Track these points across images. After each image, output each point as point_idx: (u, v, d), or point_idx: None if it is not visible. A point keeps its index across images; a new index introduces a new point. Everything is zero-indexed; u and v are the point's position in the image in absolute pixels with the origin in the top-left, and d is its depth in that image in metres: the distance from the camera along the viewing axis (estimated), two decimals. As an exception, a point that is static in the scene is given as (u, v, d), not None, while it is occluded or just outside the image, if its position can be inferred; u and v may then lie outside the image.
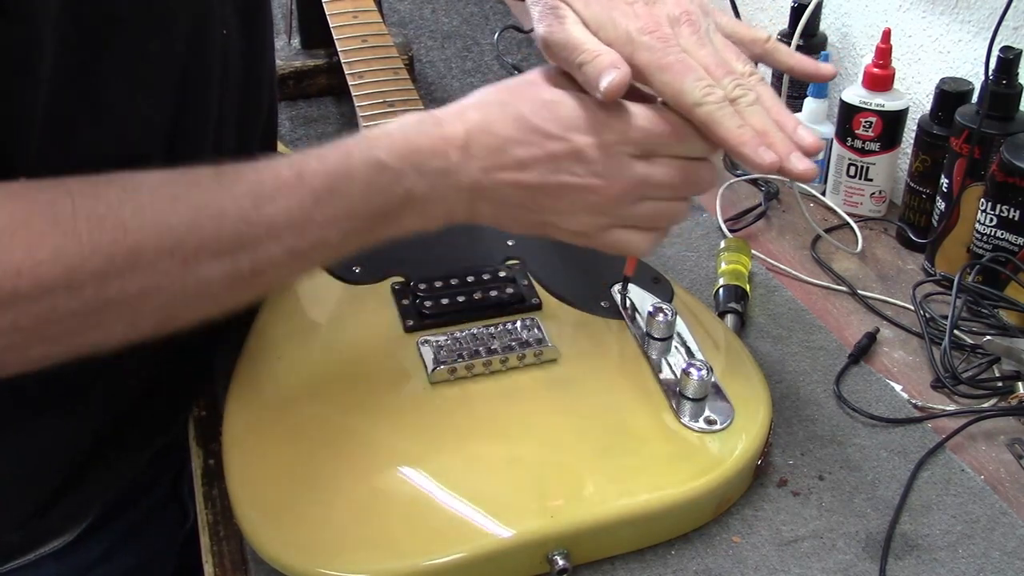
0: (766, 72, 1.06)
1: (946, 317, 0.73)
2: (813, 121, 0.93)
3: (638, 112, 0.55)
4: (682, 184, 0.56)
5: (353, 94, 0.88)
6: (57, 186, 0.46)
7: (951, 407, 0.69)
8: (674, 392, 0.61)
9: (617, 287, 0.70)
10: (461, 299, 0.67)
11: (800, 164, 0.53)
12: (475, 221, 0.57)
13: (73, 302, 0.45)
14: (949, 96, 0.81)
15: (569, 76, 0.56)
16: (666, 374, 0.63)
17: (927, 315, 0.76)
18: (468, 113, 0.55)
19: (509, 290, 0.68)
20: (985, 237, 0.75)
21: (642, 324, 0.67)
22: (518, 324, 0.65)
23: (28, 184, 0.46)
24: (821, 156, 0.93)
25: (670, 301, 0.69)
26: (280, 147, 0.87)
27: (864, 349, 0.73)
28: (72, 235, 0.44)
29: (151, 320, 0.49)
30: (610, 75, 0.52)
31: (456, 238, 0.70)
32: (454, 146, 0.54)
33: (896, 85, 0.87)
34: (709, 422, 0.60)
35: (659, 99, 0.56)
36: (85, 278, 0.45)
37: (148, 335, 0.49)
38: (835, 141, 0.90)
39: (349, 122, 1.04)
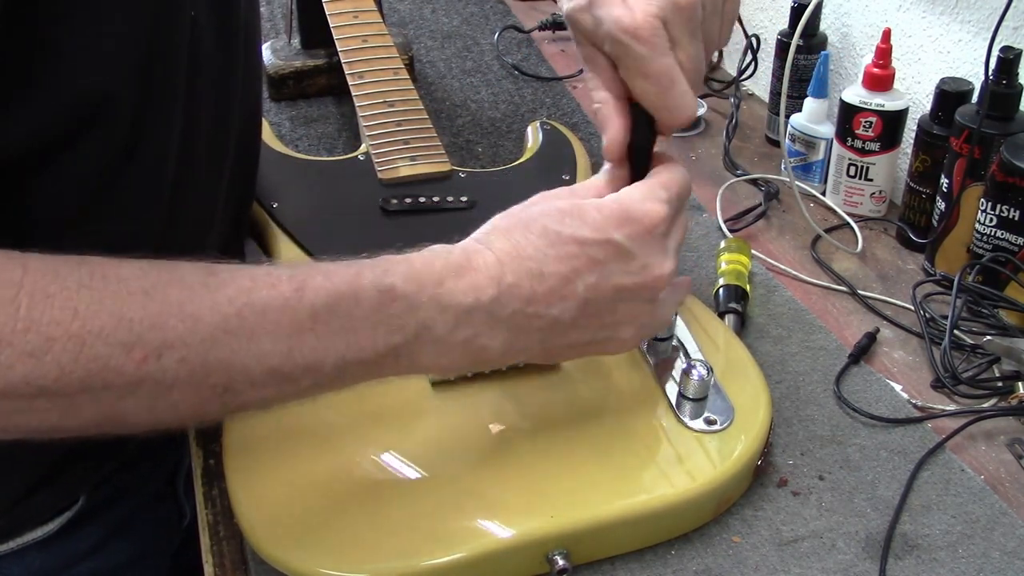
0: (766, 73, 1.06)
1: (946, 317, 0.73)
2: (813, 121, 0.93)
3: (658, 185, 0.53)
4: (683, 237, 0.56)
5: (353, 94, 0.88)
6: (12, 257, 0.42)
7: (951, 407, 0.69)
8: (674, 392, 0.62)
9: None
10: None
11: None
12: (517, 359, 0.52)
13: None
14: (949, 96, 0.81)
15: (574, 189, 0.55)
16: (666, 374, 0.63)
17: (927, 315, 0.76)
18: (493, 242, 0.51)
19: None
20: (985, 237, 0.75)
21: (642, 324, 0.67)
22: (518, 324, 0.65)
23: None
24: (821, 156, 0.93)
25: (670, 301, 0.69)
26: (276, 144, 0.87)
27: (864, 349, 0.73)
28: (8, 304, 0.40)
29: (92, 417, 0.44)
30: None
31: (455, 240, 0.70)
32: (488, 277, 0.49)
33: (896, 85, 0.87)
34: (709, 422, 0.60)
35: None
36: (14, 356, 0.40)
37: (91, 432, 0.45)
38: (835, 141, 0.90)
39: (349, 122, 1.04)
